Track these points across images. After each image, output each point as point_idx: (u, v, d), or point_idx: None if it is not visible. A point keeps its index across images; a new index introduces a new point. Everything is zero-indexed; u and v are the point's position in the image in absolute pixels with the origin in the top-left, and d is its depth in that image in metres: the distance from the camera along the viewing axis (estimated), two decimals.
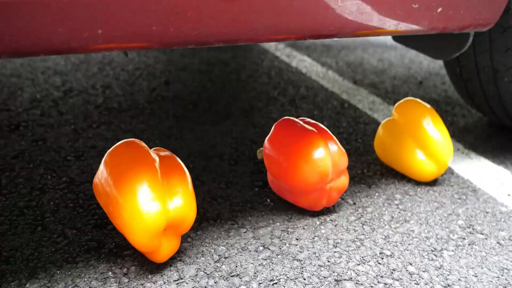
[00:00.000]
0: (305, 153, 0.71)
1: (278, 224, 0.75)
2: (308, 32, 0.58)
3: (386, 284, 0.62)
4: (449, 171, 0.95)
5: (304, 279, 0.62)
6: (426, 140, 0.85)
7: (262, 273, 0.63)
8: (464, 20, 0.69)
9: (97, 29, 0.45)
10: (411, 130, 0.87)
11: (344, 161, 0.74)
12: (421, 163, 0.86)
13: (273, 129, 0.78)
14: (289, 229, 0.73)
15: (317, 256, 0.67)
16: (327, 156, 0.71)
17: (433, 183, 0.90)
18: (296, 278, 0.62)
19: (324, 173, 0.71)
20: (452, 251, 0.70)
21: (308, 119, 0.79)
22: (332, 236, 0.72)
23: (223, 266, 0.64)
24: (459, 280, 0.63)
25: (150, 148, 0.64)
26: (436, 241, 0.72)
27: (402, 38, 1.05)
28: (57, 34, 0.44)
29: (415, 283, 0.62)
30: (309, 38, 0.59)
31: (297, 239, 0.71)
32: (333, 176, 0.73)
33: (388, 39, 2.23)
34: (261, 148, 0.80)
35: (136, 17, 0.47)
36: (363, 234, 0.73)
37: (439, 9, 0.63)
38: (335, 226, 0.75)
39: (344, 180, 0.76)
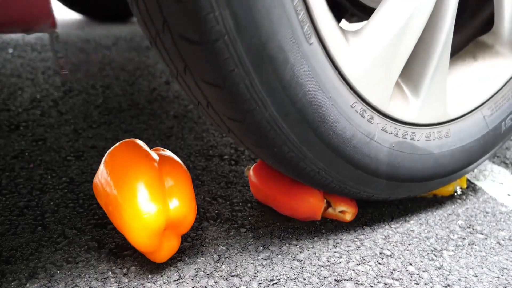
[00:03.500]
0: (297, 185, 0.71)
1: (278, 224, 0.75)
2: None
3: (386, 284, 0.62)
4: None
5: (304, 279, 0.62)
6: None
7: (262, 273, 0.63)
8: None
9: None
10: None
11: None
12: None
13: (259, 161, 0.77)
14: (289, 229, 0.73)
15: (317, 256, 0.67)
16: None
17: None
18: (296, 278, 0.62)
19: (318, 201, 0.71)
20: (452, 251, 0.70)
21: None
22: (332, 236, 0.72)
23: (223, 266, 0.64)
24: (459, 280, 0.63)
25: (150, 148, 0.64)
26: (436, 241, 0.72)
27: None
28: None
29: (415, 283, 0.62)
30: None
31: (297, 239, 0.71)
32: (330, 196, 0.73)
33: None
34: (249, 166, 0.79)
35: None
36: (363, 234, 0.73)
37: None
38: (335, 226, 0.75)
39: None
